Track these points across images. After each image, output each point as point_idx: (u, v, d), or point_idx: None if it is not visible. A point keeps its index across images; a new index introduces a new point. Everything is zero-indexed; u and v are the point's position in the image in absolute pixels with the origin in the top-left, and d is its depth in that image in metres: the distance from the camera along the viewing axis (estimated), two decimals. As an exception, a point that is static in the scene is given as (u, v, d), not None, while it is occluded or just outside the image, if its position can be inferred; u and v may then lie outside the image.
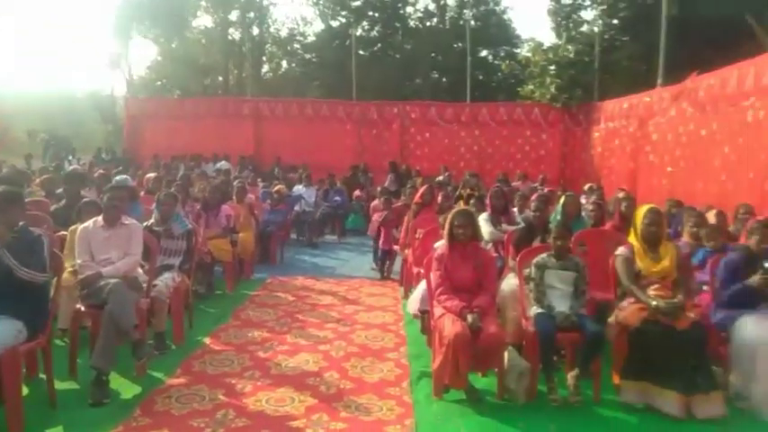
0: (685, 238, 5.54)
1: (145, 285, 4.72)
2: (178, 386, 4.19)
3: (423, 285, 4.98)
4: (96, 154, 16.51)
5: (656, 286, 4.20)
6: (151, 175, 10.00)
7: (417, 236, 6.65)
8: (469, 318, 3.95)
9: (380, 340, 5.36)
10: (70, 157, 15.50)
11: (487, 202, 6.70)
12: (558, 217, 6.03)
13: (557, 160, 17.21)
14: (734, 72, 9.25)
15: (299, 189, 11.71)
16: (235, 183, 9.10)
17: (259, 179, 13.35)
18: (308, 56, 27.87)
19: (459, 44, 23.27)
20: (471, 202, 7.79)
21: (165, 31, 24.30)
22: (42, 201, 6.56)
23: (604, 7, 17.12)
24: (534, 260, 4.46)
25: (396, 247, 7.91)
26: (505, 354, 4.21)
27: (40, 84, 32.94)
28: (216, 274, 7.11)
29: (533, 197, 6.76)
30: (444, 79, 26.48)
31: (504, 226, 6.30)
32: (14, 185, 4.61)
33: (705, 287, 4.79)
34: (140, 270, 4.81)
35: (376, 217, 9.25)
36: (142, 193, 8.18)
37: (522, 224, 5.98)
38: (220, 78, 27.21)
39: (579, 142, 16.72)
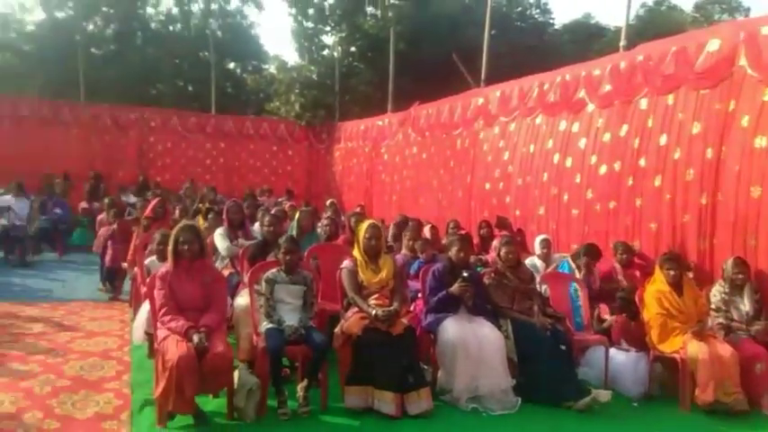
0: (404, 250, 6.13)
1: None
2: None
3: (147, 306, 4.63)
4: None
5: (376, 296, 4.54)
6: None
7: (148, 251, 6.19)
8: (195, 338, 3.79)
9: (99, 369, 4.84)
10: None
11: (224, 216, 6.57)
12: (293, 232, 6.20)
13: (303, 176, 17.71)
14: (446, 105, 10.64)
15: (5, 200, 10.05)
16: None
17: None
18: (26, 48, 24.25)
19: (206, 53, 22.58)
20: (210, 216, 7.57)
21: None
22: None
23: (343, 35, 18.22)
24: (264, 275, 4.48)
25: (124, 265, 7.26)
26: (236, 372, 4.14)
27: None
28: None
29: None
30: (190, 88, 25.43)
31: (241, 241, 6.22)
32: None
33: (419, 294, 5.34)
34: None
35: (102, 231, 8.41)
36: None
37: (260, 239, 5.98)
38: None
39: (323, 159, 17.47)
